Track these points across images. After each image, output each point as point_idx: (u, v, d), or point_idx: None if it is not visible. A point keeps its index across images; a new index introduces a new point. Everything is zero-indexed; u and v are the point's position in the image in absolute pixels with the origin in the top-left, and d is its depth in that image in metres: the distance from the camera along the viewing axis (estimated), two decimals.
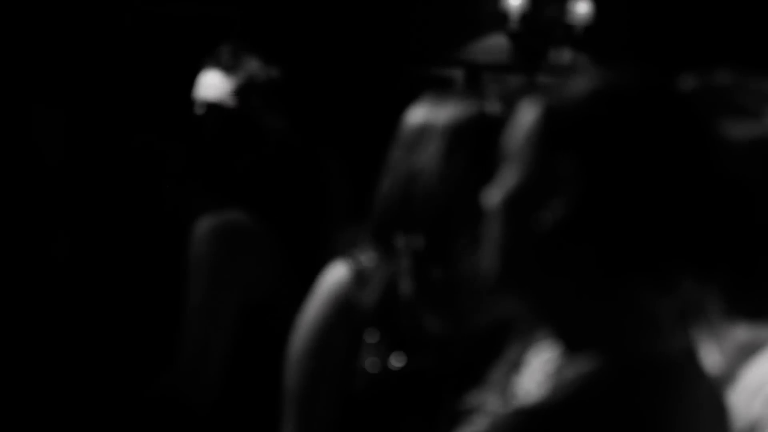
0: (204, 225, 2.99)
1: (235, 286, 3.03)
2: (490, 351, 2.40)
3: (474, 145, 2.45)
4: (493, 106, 2.49)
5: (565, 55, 7.76)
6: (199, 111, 3.80)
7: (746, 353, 1.57)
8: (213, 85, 3.77)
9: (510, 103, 3.18)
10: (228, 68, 3.73)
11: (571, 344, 1.40)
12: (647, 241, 1.35)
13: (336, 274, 2.52)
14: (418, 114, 2.50)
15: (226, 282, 3.01)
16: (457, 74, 7.57)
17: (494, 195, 1.46)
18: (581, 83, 1.41)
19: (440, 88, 2.63)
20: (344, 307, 2.49)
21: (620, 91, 1.39)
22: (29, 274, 3.22)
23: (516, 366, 2.08)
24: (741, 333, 1.59)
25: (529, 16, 7.71)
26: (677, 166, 1.36)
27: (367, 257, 2.54)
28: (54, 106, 3.44)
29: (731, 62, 1.72)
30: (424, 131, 2.46)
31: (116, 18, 7.41)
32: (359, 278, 2.50)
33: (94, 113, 3.85)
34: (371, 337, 2.46)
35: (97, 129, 3.74)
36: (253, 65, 3.74)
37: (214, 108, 3.71)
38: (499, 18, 7.73)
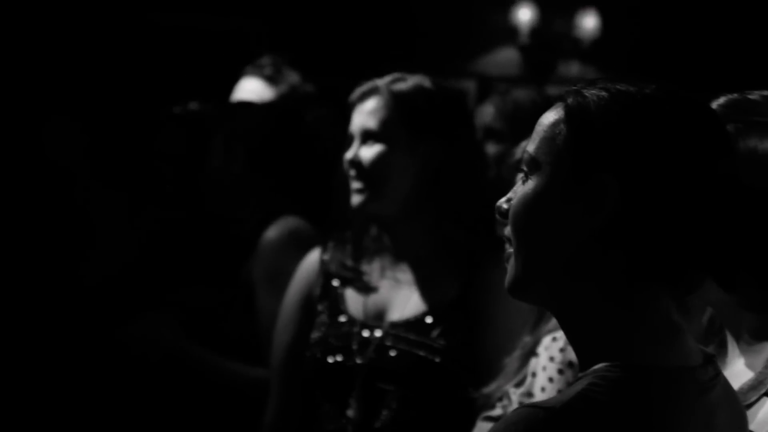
0: (274, 235, 2.97)
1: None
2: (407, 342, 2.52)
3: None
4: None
5: (573, 68, 7.94)
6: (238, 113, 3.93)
7: None
8: (253, 92, 3.92)
9: (511, 116, 3.37)
10: (270, 79, 3.88)
11: (588, 348, 1.41)
12: (675, 249, 1.38)
13: (308, 258, 2.70)
14: None
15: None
16: (469, 86, 7.70)
17: (519, 199, 1.43)
18: (607, 91, 1.41)
19: None
20: (305, 286, 2.66)
21: (647, 100, 1.40)
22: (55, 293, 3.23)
23: (529, 355, 2.23)
24: None
25: (538, 30, 7.90)
26: (706, 175, 1.38)
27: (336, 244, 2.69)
28: (74, 118, 3.50)
29: (738, 73, 1.84)
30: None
31: (139, 31, 7.58)
32: (322, 262, 2.66)
33: (121, 128, 3.94)
34: (319, 316, 2.61)
35: (123, 142, 3.82)
36: (294, 78, 3.91)
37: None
38: (509, 32, 7.92)
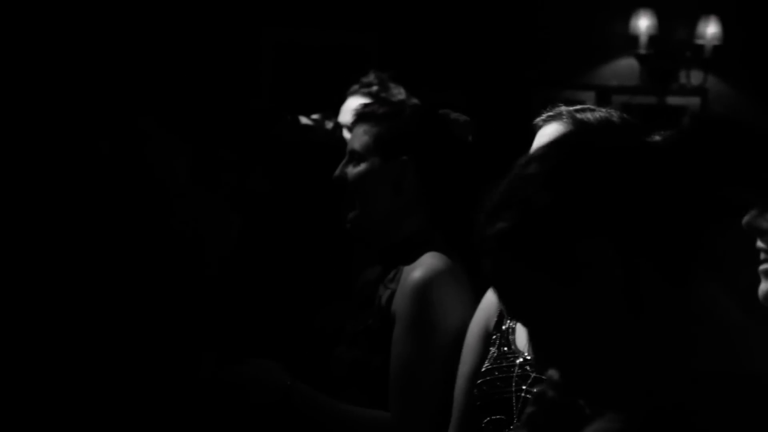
0: (420, 277, 2.77)
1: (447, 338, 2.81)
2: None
3: None
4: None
5: (694, 77, 7.80)
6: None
7: None
8: None
9: None
10: (376, 95, 3.85)
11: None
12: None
13: (488, 296, 2.68)
14: None
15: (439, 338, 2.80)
16: (588, 97, 7.63)
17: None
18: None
19: None
20: (484, 318, 2.66)
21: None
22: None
23: None
24: None
25: (657, 38, 7.77)
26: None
27: None
28: (178, 133, 3.54)
29: None
30: None
31: (255, 50, 7.69)
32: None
33: (232, 142, 3.97)
34: (491, 347, 2.62)
35: (235, 155, 3.84)
36: (400, 93, 3.87)
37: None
38: (628, 41, 7.81)
